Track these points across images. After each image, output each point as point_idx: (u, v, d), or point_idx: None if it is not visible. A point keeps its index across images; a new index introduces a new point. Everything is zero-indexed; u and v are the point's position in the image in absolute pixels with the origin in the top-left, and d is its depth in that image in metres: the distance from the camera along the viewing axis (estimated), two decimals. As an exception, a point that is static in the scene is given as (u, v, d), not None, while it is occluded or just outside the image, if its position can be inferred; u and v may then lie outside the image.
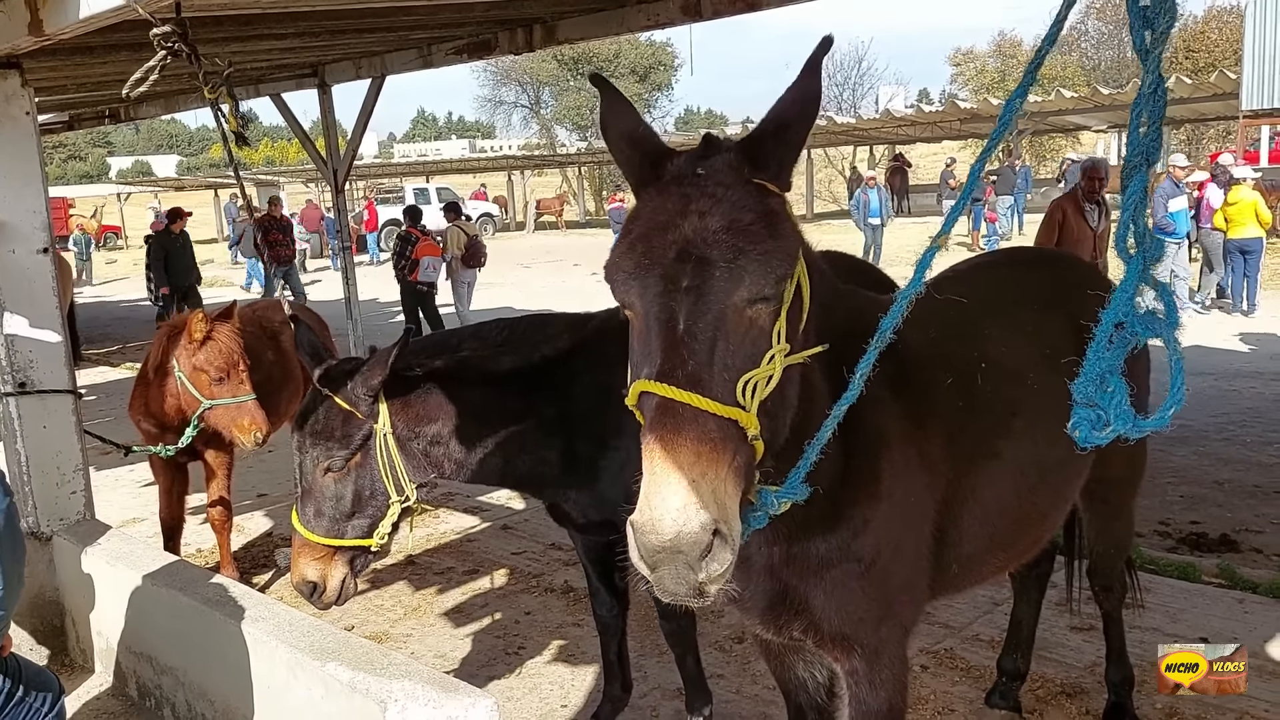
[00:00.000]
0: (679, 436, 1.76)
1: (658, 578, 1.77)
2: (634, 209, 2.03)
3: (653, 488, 1.74)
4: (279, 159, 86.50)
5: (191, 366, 5.57)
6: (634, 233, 1.96)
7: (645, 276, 1.90)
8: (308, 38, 7.74)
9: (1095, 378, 1.92)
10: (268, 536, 7.52)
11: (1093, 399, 1.92)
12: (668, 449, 1.76)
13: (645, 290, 1.90)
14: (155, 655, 4.57)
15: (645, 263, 1.90)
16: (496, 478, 3.96)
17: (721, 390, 1.84)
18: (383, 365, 3.51)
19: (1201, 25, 52.73)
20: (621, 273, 1.94)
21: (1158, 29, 1.80)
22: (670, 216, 1.92)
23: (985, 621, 5.34)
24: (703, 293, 1.86)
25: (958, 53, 64.92)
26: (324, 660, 3.54)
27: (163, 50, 3.49)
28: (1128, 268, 1.92)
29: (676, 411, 1.79)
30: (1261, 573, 5.84)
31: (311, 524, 3.59)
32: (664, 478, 1.74)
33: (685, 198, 1.94)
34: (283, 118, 11.12)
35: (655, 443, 1.77)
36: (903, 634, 2.72)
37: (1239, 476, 7.86)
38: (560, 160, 49.15)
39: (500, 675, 5.16)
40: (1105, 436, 1.92)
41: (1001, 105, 5.94)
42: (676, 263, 1.87)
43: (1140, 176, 1.88)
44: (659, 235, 1.91)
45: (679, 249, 1.88)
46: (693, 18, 7.32)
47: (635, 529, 1.76)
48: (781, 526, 2.37)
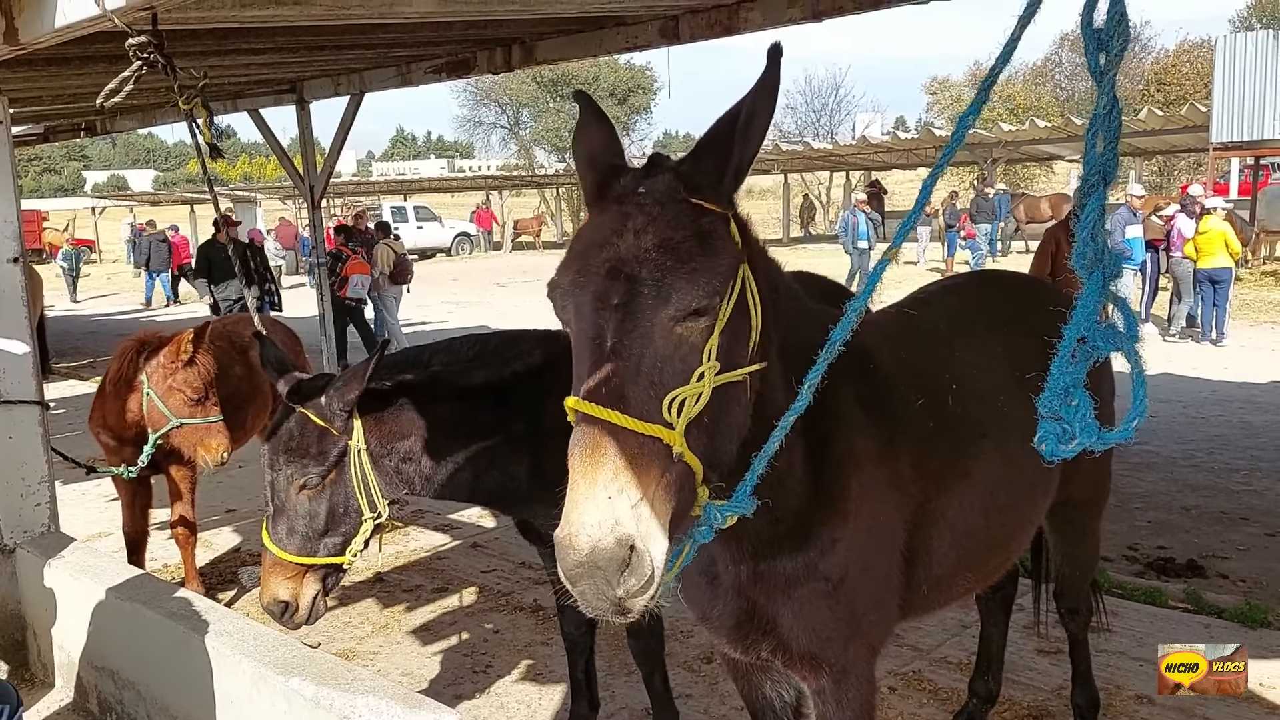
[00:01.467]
0: (597, 453, 1.77)
1: (579, 592, 1.78)
2: (579, 228, 2.06)
3: (571, 503, 1.74)
4: (257, 175, 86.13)
5: (167, 385, 5.54)
6: (573, 251, 1.98)
7: (579, 294, 1.91)
8: (286, 53, 7.75)
9: (1059, 391, 1.93)
10: (235, 552, 7.45)
11: (1057, 412, 1.94)
12: (586, 465, 1.76)
13: (579, 308, 1.92)
14: (117, 670, 4.51)
15: (580, 280, 1.92)
16: (466, 493, 3.95)
17: (646, 407, 1.83)
18: (359, 380, 3.50)
19: (1173, 59, 53.56)
20: (559, 290, 1.96)
21: (1111, 51, 1.83)
22: (607, 235, 1.94)
23: (954, 644, 5.35)
24: (630, 310, 1.87)
25: (934, 81, 65.65)
26: (288, 675, 3.51)
27: (138, 61, 3.48)
28: (1087, 283, 1.95)
29: (596, 429, 1.80)
30: (1227, 598, 5.89)
31: (284, 542, 3.56)
32: (581, 493, 1.74)
33: (623, 216, 1.95)
34: (260, 133, 11.11)
35: (575, 459, 1.78)
36: (870, 654, 2.73)
37: (1206, 502, 7.93)
38: (539, 181, 49.26)
39: (467, 694, 5.13)
40: (1071, 450, 1.92)
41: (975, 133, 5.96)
42: (607, 280, 1.88)
43: (1098, 194, 1.91)
44: (594, 253, 1.92)
45: (610, 266, 1.89)
46: (670, 40, 7.39)
47: (558, 544, 1.76)
48: (748, 545, 2.38)
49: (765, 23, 6.91)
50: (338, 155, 10.52)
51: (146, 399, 5.59)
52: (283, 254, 33.94)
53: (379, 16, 5.66)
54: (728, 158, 2.05)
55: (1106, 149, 1.85)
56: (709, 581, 2.57)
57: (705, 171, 2.04)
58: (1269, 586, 6.22)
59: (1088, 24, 1.81)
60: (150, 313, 27.33)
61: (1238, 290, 17.69)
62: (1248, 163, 28.60)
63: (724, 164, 2.05)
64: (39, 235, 45.30)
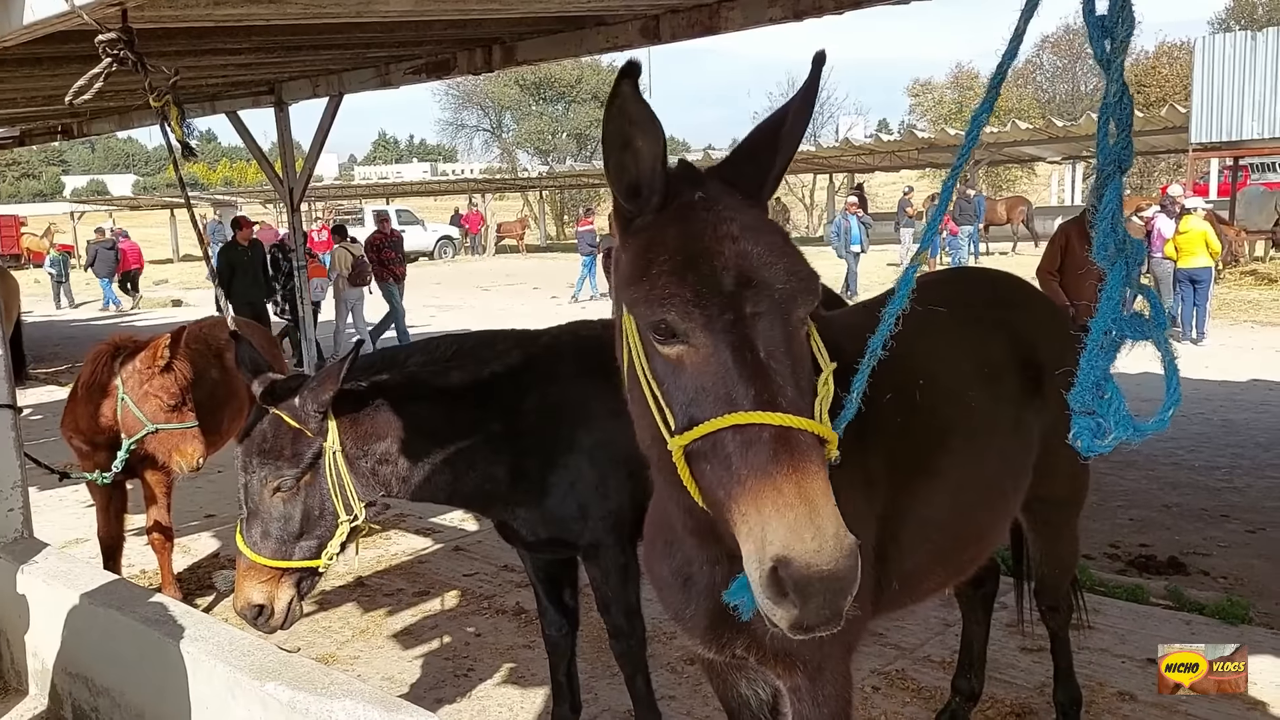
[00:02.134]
0: (809, 463, 1.72)
1: (805, 613, 1.70)
2: (647, 238, 1.92)
3: (802, 519, 1.66)
4: (238, 180, 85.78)
5: (143, 391, 5.49)
6: (673, 261, 1.85)
7: (708, 305, 1.80)
8: (263, 54, 7.69)
9: (1091, 385, 1.92)
10: (214, 557, 7.39)
11: (1090, 407, 1.92)
12: (805, 476, 1.70)
13: (711, 320, 1.80)
14: (91, 676, 4.45)
15: (704, 290, 1.81)
16: (444, 495, 3.91)
17: (814, 414, 1.81)
18: (333, 380, 3.46)
19: (1153, 60, 53.92)
20: (677, 300, 1.82)
21: (1117, 38, 1.82)
22: (709, 242, 1.85)
23: (936, 643, 5.34)
24: (770, 317, 1.82)
25: (916, 84, 65.92)
26: (263, 680, 3.47)
27: (108, 58, 3.44)
28: (1110, 274, 1.93)
29: (797, 439, 1.73)
30: (1208, 594, 5.90)
31: (258, 545, 3.52)
32: (813, 507, 1.68)
33: (709, 223, 1.88)
34: (239, 136, 11.03)
35: (788, 472, 1.70)
36: (846, 650, 2.70)
37: (1187, 500, 7.96)
38: (522, 184, 49.21)
39: (449, 698, 5.09)
40: (1108, 444, 1.91)
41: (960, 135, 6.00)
42: (738, 288, 1.81)
43: (1115, 184, 1.89)
44: (705, 262, 1.83)
45: (737, 275, 1.82)
46: (651, 40, 7.36)
47: (788, 565, 1.66)
48: (726, 545, 2.35)
49: (746, 22, 6.89)
50: (317, 157, 10.44)
51: (121, 404, 5.53)
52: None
53: (356, 15, 5.62)
54: (771, 164, 2.02)
55: (1120, 136, 1.84)
56: (683, 582, 2.54)
57: (748, 177, 2.01)
58: (1250, 583, 6.24)
59: (1090, 11, 1.79)
60: (129, 317, 27.16)
61: (1217, 290, 17.79)
62: (1227, 163, 28.79)
63: (766, 170, 2.03)
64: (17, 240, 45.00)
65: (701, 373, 1.82)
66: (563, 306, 23.51)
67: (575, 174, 45.79)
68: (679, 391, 1.86)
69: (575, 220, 41.47)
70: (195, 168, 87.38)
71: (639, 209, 1.96)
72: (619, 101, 1.82)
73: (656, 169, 1.91)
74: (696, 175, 2.00)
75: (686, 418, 1.84)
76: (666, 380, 1.88)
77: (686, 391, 1.84)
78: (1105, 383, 1.91)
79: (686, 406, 1.84)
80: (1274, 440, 9.72)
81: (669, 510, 2.39)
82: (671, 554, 2.53)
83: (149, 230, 52.29)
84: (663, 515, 2.52)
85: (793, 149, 2.04)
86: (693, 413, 1.83)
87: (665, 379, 1.88)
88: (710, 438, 1.79)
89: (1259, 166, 34.60)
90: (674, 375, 1.87)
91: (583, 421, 3.87)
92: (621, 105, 1.82)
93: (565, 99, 67.01)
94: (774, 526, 1.68)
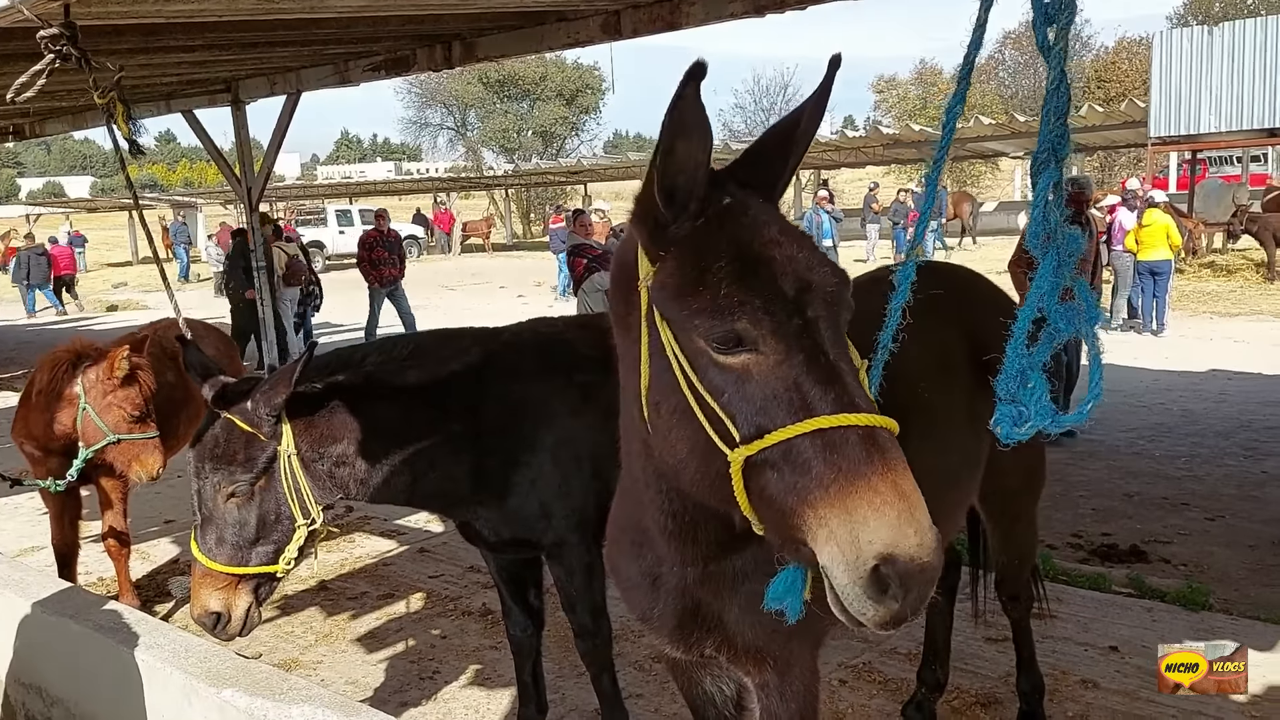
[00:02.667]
0: (899, 460, 1.73)
1: (906, 606, 1.69)
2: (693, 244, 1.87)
3: (903, 516, 1.67)
4: (198, 180, 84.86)
5: (106, 401, 5.40)
6: (733, 268, 1.81)
7: (776, 312, 1.78)
8: (218, 50, 7.59)
9: (1016, 374, 1.94)
10: (173, 564, 7.28)
11: (1015, 395, 1.93)
12: (899, 474, 1.71)
13: (781, 326, 1.78)
14: (45, 686, 4.36)
15: (772, 297, 1.79)
16: (404, 496, 3.86)
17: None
18: (285, 383, 3.39)
19: (1112, 56, 54.53)
20: (749, 310, 1.78)
21: (1059, 24, 1.83)
22: (760, 248, 1.84)
23: (903, 635, 5.34)
24: (830, 322, 1.83)
25: (880, 80, 66.26)
26: (220, 687, 3.40)
27: (51, 54, 3.36)
28: (1041, 263, 1.93)
29: (883, 437, 1.74)
30: (1169, 582, 5.96)
31: (213, 552, 3.47)
32: (910, 503, 1.69)
33: (754, 228, 1.86)
34: (195, 135, 10.89)
35: (882, 471, 1.70)
36: (814, 645, 2.70)
37: (1148, 489, 8.04)
38: (487, 182, 48.96)
39: (414, 701, 5.04)
40: (1025, 432, 1.92)
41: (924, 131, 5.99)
42: (801, 294, 1.81)
43: (1049, 172, 1.90)
44: (765, 268, 1.81)
45: (794, 280, 1.81)
46: (613, 36, 7.35)
47: (894, 562, 1.65)
48: (704, 548, 2.33)
49: (707, 17, 6.89)
50: (275, 156, 10.32)
51: (83, 413, 5.43)
52: (222, 259, 33.43)
53: (310, 11, 5.56)
54: (784, 166, 2.01)
55: (1055, 124, 1.84)
56: (651, 582, 2.52)
57: (762, 178, 1.99)
58: (1210, 570, 6.31)
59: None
60: (85, 322, 26.79)
61: (1177, 282, 18.01)
62: (1185, 157, 29.15)
63: (780, 171, 2.02)
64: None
65: (771, 380, 1.79)
66: (529, 306, 23.40)
67: (541, 172, 45.64)
68: (744, 402, 1.80)
69: (545, 219, 41.34)
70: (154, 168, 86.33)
71: (673, 216, 1.88)
72: (680, 104, 1.76)
73: (699, 177, 1.86)
74: (719, 178, 1.94)
75: (753, 427, 1.79)
76: (728, 391, 1.82)
77: (753, 401, 1.80)
78: (1031, 372, 1.93)
79: (753, 416, 1.79)
80: (1232, 429, 9.84)
81: (641, 512, 2.36)
82: (640, 554, 2.50)
83: (107, 233, 51.66)
84: (630, 517, 2.50)
85: (804, 150, 2.04)
86: (761, 422, 1.78)
87: (726, 389, 1.82)
88: (782, 445, 1.75)
89: (1217, 160, 35.13)
90: (738, 385, 1.81)
91: (544, 420, 3.83)
92: (685, 108, 1.77)
93: (530, 96, 66.79)
94: (873, 525, 1.66)
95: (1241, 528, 7.05)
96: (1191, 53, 22.66)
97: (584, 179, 45.80)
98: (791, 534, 1.77)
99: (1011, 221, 36.00)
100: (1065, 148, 1.85)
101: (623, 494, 2.56)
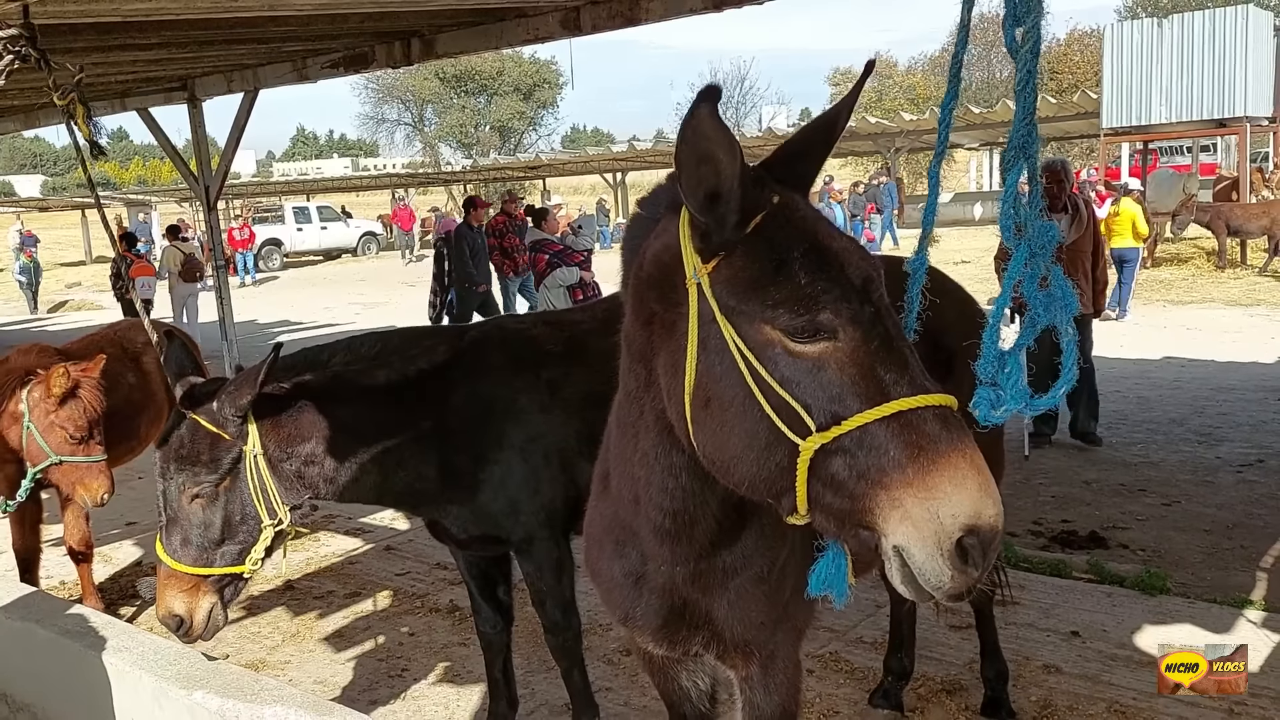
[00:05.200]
0: (969, 437, 1.78)
1: (981, 571, 1.75)
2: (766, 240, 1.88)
3: (983, 489, 1.73)
4: (152, 179, 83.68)
5: (49, 421, 5.23)
6: (807, 260, 1.86)
7: (852, 300, 1.84)
8: (174, 48, 7.50)
9: (994, 358, 1.98)
10: (137, 566, 7.21)
11: (993, 378, 1.97)
12: (973, 449, 1.77)
13: (858, 314, 1.83)
14: (10, 693, 4.31)
15: (848, 287, 1.84)
16: (373, 495, 3.87)
17: None
18: (251, 384, 3.39)
19: (1064, 47, 55.19)
20: (830, 299, 1.83)
21: (1026, 25, 1.88)
22: (823, 240, 1.89)
23: (868, 624, 5.42)
24: (888, 309, 1.89)
25: (837, 73, 66.63)
26: (191, 689, 3.39)
27: (9, 55, 3.32)
28: (1015, 253, 1.98)
29: (954, 417, 1.80)
30: (1128, 567, 6.07)
31: (178, 553, 3.45)
32: (984, 476, 1.74)
33: (811, 221, 1.92)
34: (151, 134, 10.74)
35: (960, 450, 1.75)
36: (797, 637, 2.73)
37: (1106, 476, 8.18)
38: (445, 178, 48.67)
39: (383, 699, 5.03)
40: (1001, 415, 1.96)
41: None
42: (864, 284, 1.86)
43: (1017, 168, 1.96)
44: (834, 259, 1.87)
45: (857, 270, 1.87)
46: (572, 32, 7.34)
47: (978, 532, 1.72)
48: (696, 545, 2.34)
49: (666, 13, 6.90)
50: (233, 154, 10.21)
51: (26, 432, 5.28)
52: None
53: (269, 9, 5.52)
54: (819, 163, 2.07)
55: (1023, 124, 1.89)
56: (634, 583, 2.52)
57: (798, 175, 2.03)
58: (1167, 554, 6.43)
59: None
60: (42, 321, 26.39)
61: (1141, 271, 18.28)
62: (1137, 147, 29.56)
63: (815, 169, 2.07)
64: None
65: (849, 366, 1.82)
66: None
67: (499, 167, 45.44)
68: (820, 390, 1.82)
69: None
70: (107, 167, 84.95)
71: (718, 220, 1.89)
72: (695, 123, 1.80)
73: (734, 182, 1.87)
74: (760, 176, 1.95)
75: (828, 415, 1.81)
76: (801, 380, 1.84)
77: (829, 388, 1.82)
78: (1009, 357, 1.98)
79: (828, 404, 1.81)
80: (1187, 415, 10.03)
81: (629, 512, 2.37)
82: (624, 554, 2.51)
83: (60, 232, 50.72)
84: (614, 518, 2.50)
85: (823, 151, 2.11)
86: (836, 409, 1.80)
87: (799, 379, 1.84)
88: (858, 431, 1.78)
89: (1168, 150, 35.64)
90: (813, 374, 1.83)
91: (512, 417, 3.85)
92: (698, 126, 1.80)
93: (487, 91, 66.50)
94: (955, 500, 1.71)
95: (1197, 512, 7.20)
96: (1142, 44, 23.00)
97: (542, 174, 45.69)
98: (860, 518, 1.80)
99: (967, 213, 36.34)
100: (1034, 145, 1.90)
101: (602, 495, 2.56)
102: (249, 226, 36.60)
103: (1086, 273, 8.74)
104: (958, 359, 3.43)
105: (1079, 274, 8.55)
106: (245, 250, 34.78)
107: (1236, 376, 11.76)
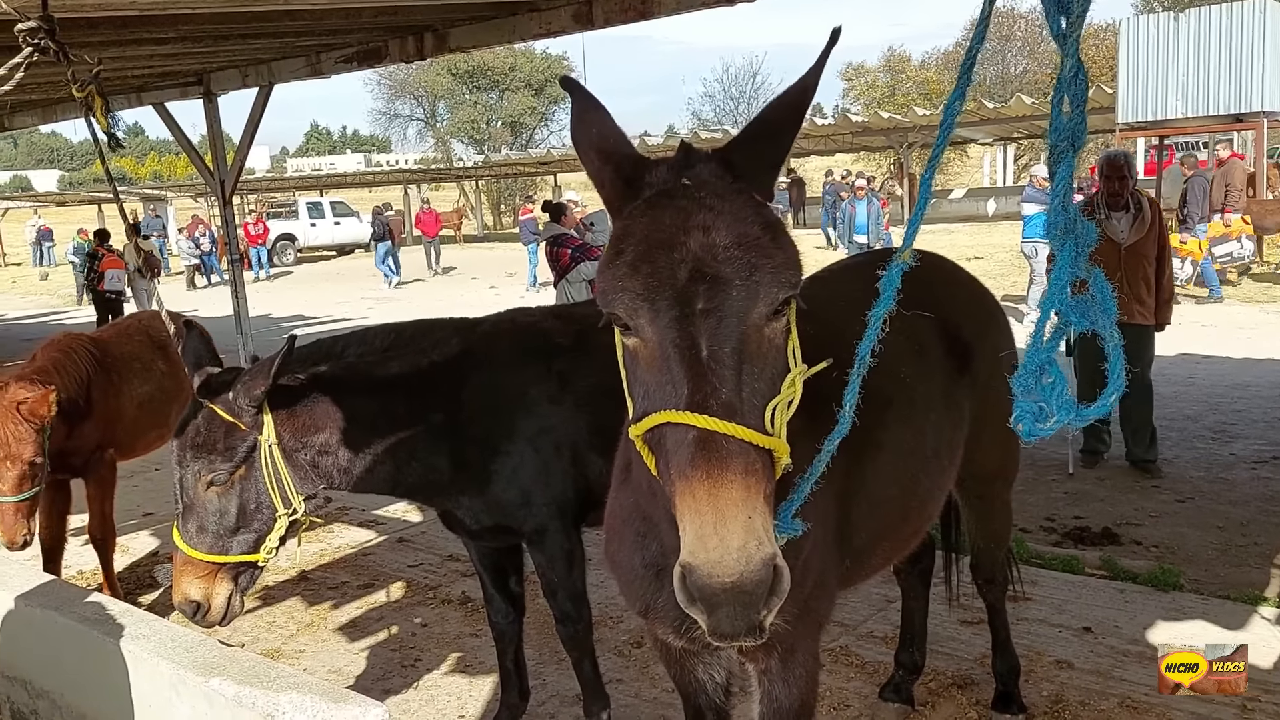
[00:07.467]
0: (727, 471, 1.66)
1: (714, 621, 1.67)
2: (622, 226, 1.88)
3: (708, 527, 1.63)
4: (167, 173, 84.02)
5: None
6: (631, 252, 1.81)
7: (656, 300, 1.76)
8: (190, 43, 7.55)
9: (1034, 370, 1.90)
10: (153, 556, 7.27)
11: (1033, 391, 1.89)
12: (717, 484, 1.65)
13: (658, 315, 1.76)
14: (30, 679, 4.36)
15: (654, 284, 1.77)
16: (387, 486, 3.90)
17: (754, 418, 1.75)
18: (265, 374, 3.43)
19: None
20: (627, 295, 1.79)
21: (1072, 14, 1.84)
22: (670, 233, 1.79)
23: (879, 619, 5.42)
24: (723, 314, 1.75)
25: (849, 68, 66.30)
26: (208, 676, 3.42)
27: (29, 47, 3.35)
28: (1059, 254, 1.90)
29: (720, 444, 1.68)
30: (1140, 563, 6.06)
31: (194, 540, 3.49)
32: (720, 515, 1.63)
33: (682, 212, 1.81)
34: (167, 128, 10.81)
35: (702, 478, 1.66)
36: (817, 629, 2.73)
37: (1119, 472, 8.15)
38: (457, 173, 48.71)
39: (396, 689, 5.07)
40: (1049, 428, 1.88)
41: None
42: (690, 283, 1.75)
43: (1068, 161, 1.87)
44: (663, 254, 1.78)
45: (690, 268, 1.76)
46: (584, 25, 7.35)
47: (692, 572, 1.64)
48: None
49: (679, 6, 6.92)
50: (248, 149, 10.26)
51: None
52: (196, 252, 33.21)
53: (284, 3, 5.55)
54: (783, 144, 1.98)
55: (1074, 112, 1.84)
56: (655, 574, 2.50)
57: (758, 158, 1.94)
58: (1180, 551, 6.41)
59: None
60: (57, 316, 26.53)
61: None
62: (1153, 143, 29.38)
63: (779, 151, 1.98)
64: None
65: (649, 367, 1.81)
66: (501, 297, 23.38)
67: (511, 163, 45.44)
68: (636, 383, 1.87)
69: (515, 210, 40.62)
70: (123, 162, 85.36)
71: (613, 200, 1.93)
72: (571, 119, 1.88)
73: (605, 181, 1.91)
74: (693, 159, 1.92)
75: (641, 409, 1.84)
76: (629, 370, 1.90)
77: (641, 384, 1.85)
78: (1049, 367, 1.90)
79: (641, 399, 1.85)
80: (1201, 412, 9.98)
81: (649, 502, 2.35)
82: (644, 545, 2.50)
83: (75, 226, 50.98)
84: (633, 507, 2.49)
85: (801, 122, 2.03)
86: (645, 405, 1.83)
87: (628, 368, 1.90)
88: (655, 431, 1.79)
89: (1184, 145, 35.41)
90: (633, 366, 1.88)
91: (524, 408, 3.87)
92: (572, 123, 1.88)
93: (499, 87, 66.47)
94: (686, 530, 1.67)
95: (1211, 509, 7.17)
96: (1158, 38, 22.82)
97: (554, 169, 45.67)
98: None
99: (981, 208, 36.23)
100: (1082, 136, 1.82)
101: (622, 486, 2.56)
102: (263, 221, 36.72)
103: (1148, 280, 7.90)
104: (975, 353, 3.44)
105: (1139, 280, 7.79)
106: (259, 245, 34.92)
107: (1252, 373, 11.70)
